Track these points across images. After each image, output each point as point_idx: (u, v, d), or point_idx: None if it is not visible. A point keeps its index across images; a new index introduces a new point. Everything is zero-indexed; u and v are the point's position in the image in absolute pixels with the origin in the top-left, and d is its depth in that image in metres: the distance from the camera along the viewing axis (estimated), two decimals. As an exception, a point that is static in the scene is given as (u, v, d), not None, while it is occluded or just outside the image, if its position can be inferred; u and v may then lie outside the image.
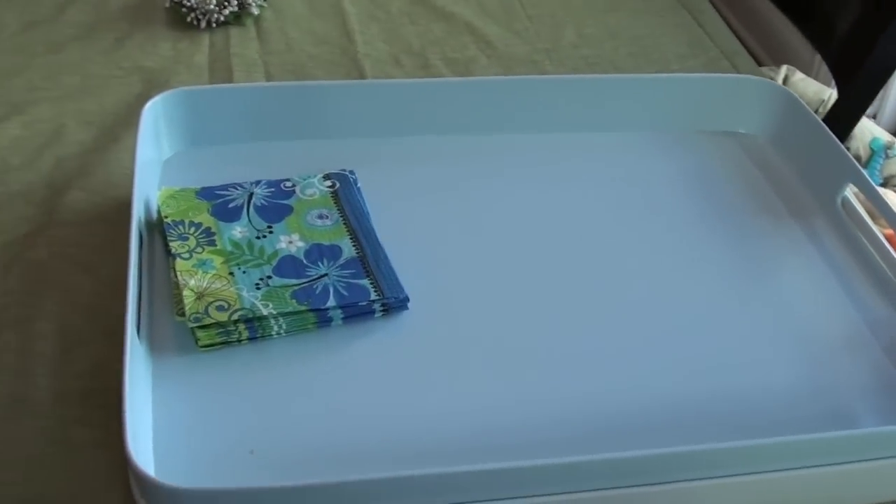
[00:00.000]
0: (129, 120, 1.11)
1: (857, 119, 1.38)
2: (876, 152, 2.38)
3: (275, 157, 1.04)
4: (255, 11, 1.30)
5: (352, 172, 1.02)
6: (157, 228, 0.94)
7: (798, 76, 2.12)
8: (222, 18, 1.28)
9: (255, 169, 1.02)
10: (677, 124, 1.15)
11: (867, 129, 2.41)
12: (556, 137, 1.12)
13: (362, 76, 1.23)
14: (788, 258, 1.01)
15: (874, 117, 2.47)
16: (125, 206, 0.91)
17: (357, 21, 1.33)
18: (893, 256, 0.98)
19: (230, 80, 1.20)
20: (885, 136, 2.42)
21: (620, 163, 1.11)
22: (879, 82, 1.35)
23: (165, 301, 0.88)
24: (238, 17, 1.29)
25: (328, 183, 1.00)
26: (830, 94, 2.43)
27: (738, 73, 1.33)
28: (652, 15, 1.43)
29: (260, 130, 1.06)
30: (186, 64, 1.22)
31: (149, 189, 0.96)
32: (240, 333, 0.85)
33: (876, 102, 2.49)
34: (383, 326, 0.89)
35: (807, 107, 1.12)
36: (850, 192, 1.05)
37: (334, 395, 0.83)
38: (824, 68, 2.63)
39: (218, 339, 0.85)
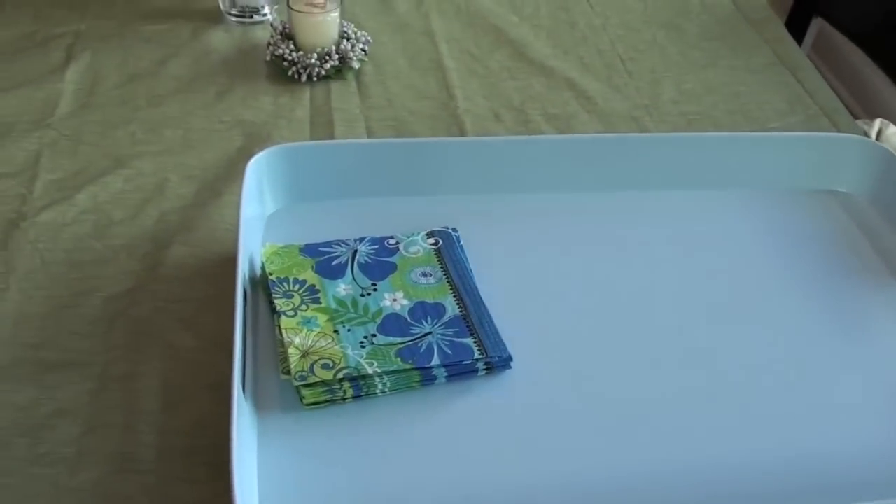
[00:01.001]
0: (230, 174, 1.11)
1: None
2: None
3: (377, 214, 1.04)
4: (356, 66, 1.30)
5: (454, 230, 1.01)
6: (260, 285, 0.94)
7: (892, 129, 2.08)
8: (323, 72, 1.28)
9: (358, 225, 1.01)
10: (775, 183, 1.13)
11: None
12: (656, 195, 1.10)
13: (462, 132, 1.22)
14: (887, 321, 0.98)
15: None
16: (228, 262, 0.91)
17: (457, 76, 1.33)
18: None
19: (331, 135, 1.20)
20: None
21: (719, 220, 1.09)
22: None
23: (270, 358, 0.87)
24: (339, 72, 1.29)
25: (431, 241, 0.99)
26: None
27: (838, 129, 1.30)
28: (751, 72, 1.41)
29: (362, 186, 1.05)
30: (287, 118, 1.22)
31: (252, 245, 0.96)
32: (344, 391, 0.84)
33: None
34: (486, 385, 0.88)
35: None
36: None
37: (438, 453, 0.82)
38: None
39: (323, 398, 0.84)
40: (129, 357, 0.90)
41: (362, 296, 0.92)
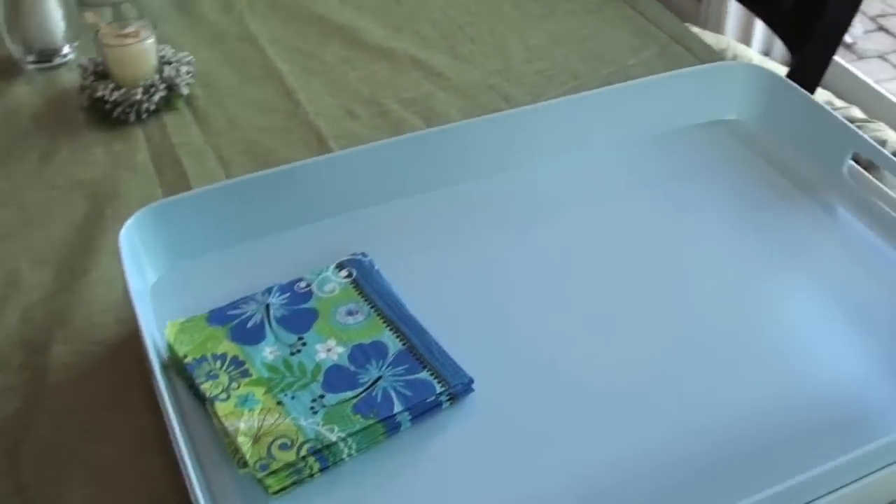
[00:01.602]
0: (88, 247, 0.98)
1: (816, 84, 1.33)
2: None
3: (270, 254, 0.93)
4: (186, 91, 1.17)
5: (364, 255, 0.91)
6: (172, 370, 0.82)
7: (742, 48, 2.10)
8: (153, 107, 1.15)
9: (255, 273, 0.90)
10: (665, 124, 1.09)
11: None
12: (552, 166, 1.04)
13: (320, 138, 1.12)
14: (821, 239, 0.96)
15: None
16: (119, 351, 0.82)
17: (295, 79, 1.22)
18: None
19: (182, 175, 1.07)
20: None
21: (622, 176, 1.04)
22: (834, 43, 1.30)
23: (212, 453, 0.76)
24: (168, 102, 1.16)
25: (343, 273, 0.89)
26: (728, 43, 2.41)
27: (694, 54, 1.26)
28: (590, 13, 1.35)
29: (246, 229, 0.94)
30: (128, 167, 1.09)
31: (146, 324, 0.84)
32: (311, 468, 0.74)
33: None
34: (448, 416, 0.80)
35: (792, 83, 1.06)
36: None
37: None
38: (712, 17, 2.62)
39: (289, 481, 0.74)
40: (47, 491, 0.77)
41: (292, 354, 0.82)
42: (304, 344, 0.83)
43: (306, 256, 0.92)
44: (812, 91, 1.32)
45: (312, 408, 0.77)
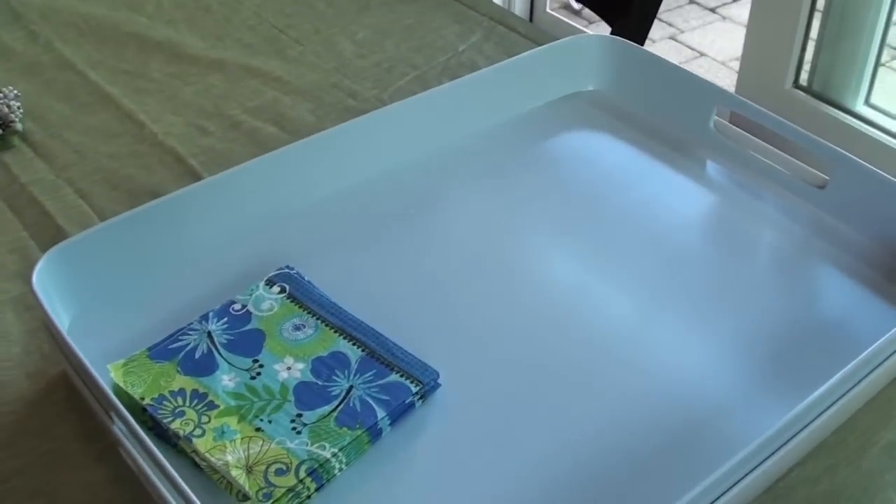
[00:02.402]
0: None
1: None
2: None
3: (184, 282, 0.89)
4: (20, 127, 1.09)
5: (290, 267, 0.89)
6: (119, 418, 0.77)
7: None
8: (-10, 148, 1.07)
9: (172, 302, 0.86)
10: (530, 102, 1.11)
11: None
12: (419, 164, 1.04)
13: (178, 157, 1.07)
14: (680, 194, 1.02)
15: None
16: (42, 406, 0.79)
17: (130, 101, 1.16)
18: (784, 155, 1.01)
19: (45, 213, 1.00)
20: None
21: (497, 163, 1.05)
22: (651, 13, 1.37)
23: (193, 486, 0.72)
24: (3, 140, 1.08)
25: (276, 289, 0.87)
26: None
27: (519, 34, 1.30)
28: (405, 4, 1.36)
29: (151, 260, 0.90)
30: (-21, 216, 1.00)
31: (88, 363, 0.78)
32: (308, 488, 0.72)
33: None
34: (422, 413, 0.79)
35: (646, 50, 1.11)
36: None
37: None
38: None
39: (292, 505, 0.71)
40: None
41: (252, 378, 0.79)
42: (261, 366, 0.80)
43: (223, 278, 0.89)
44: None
45: (294, 428, 0.75)
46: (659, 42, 3.06)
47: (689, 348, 0.84)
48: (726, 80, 2.79)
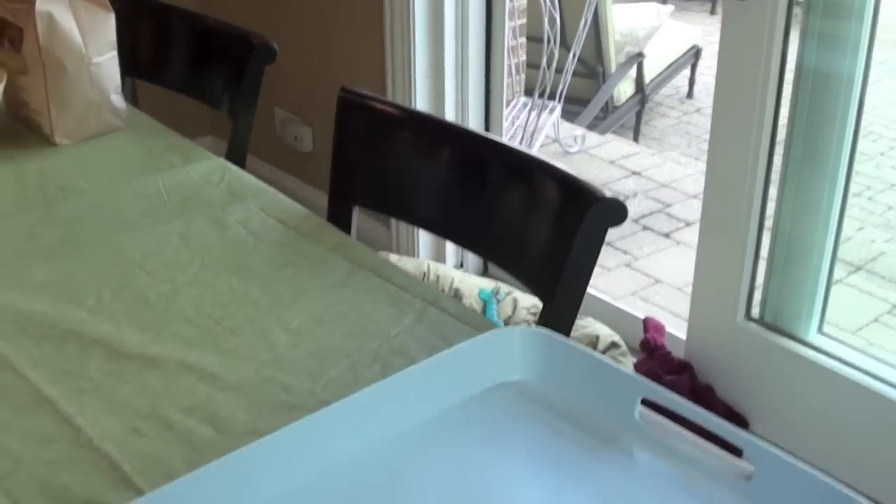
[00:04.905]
0: None
1: (569, 327, 1.43)
2: (487, 301, 2.53)
3: None
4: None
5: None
6: None
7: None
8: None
9: None
10: (456, 395, 1.15)
11: (473, 284, 2.55)
12: (365, 454, 1.07)
13: (113, 464, 1.09)
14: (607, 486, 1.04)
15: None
16: None
17: (67, 402, 1.18)
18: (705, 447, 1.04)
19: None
20: (489, 285, 2.57)
21: (433, 454, 1.08)
22: (581, 286, 1.42)
23: None
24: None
25: None
26: (428, 264, 2.56)
27: (450, 314, 1.35)
28: (340, 287, 1.41)
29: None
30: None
31: None
32: None
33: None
34: None
35: (571, 341, 1.16)
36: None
37: None
38: (402, 243, 2.75)
39: None
40: None
41: None
42: None
43: None
44: (566, 331, 1.43)
45: None
46: (615, 269, 3.15)
47: None
48: (682, 305, 2.86)
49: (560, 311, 1.41)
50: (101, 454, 1.11)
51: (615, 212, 1.40)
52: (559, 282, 1.39)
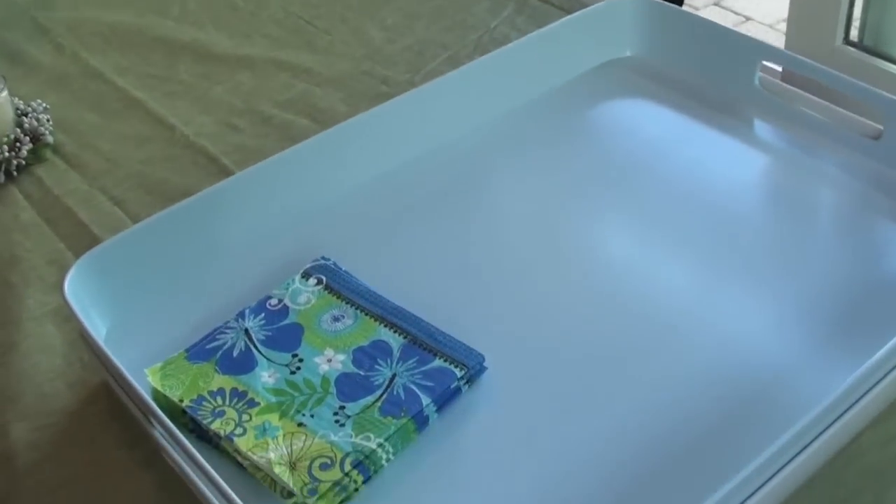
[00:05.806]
0: (5, 320, 0.89)
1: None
2: None
3: (220, 280, 0.87)
4: (51, 139, 1.08)
5: (325, 258, 0.86)
6: (157, 422, 0.75)
7: None
8: (23, 161, 1.05)
9: (209, 302, 0.84)
10: (566, 73, 1.08)
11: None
12: (463, 138, 1.01)
13: (210, 157, 1.06)
14: (728, 157, 0.98)
15: None
16: (82, 415, 0.78)
17: (158, 105, 1.14)
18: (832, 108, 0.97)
19: (79, 224, 0.98)
20: None
21: (530, 138, 1.02)
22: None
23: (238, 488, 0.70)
24: (36, 154, 1.07)
25: (312, 281, 0.84)
26: None
27: (552, 4, 1.26)
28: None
29: (186, 259, 0.88)
30: (17, 228, 0.99)
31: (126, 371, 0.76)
32: (355, 481, 0.69)
33: None
34: (469, 399, 0.76)
35: (678, 8, 1.07)
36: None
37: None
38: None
39: (338, 499, 0.68)
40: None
41: (293, 373, 0.76)
42: (300, 360, 0.77)
43: (259, 274, 0.87)
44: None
45: (337, 421, 0.72)
46: (703, 9, 3.00)
47: (749, 316, 0.80)
48: (774, 42, 2.72)
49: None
50: (197, 149, 1.07)
51: None
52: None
